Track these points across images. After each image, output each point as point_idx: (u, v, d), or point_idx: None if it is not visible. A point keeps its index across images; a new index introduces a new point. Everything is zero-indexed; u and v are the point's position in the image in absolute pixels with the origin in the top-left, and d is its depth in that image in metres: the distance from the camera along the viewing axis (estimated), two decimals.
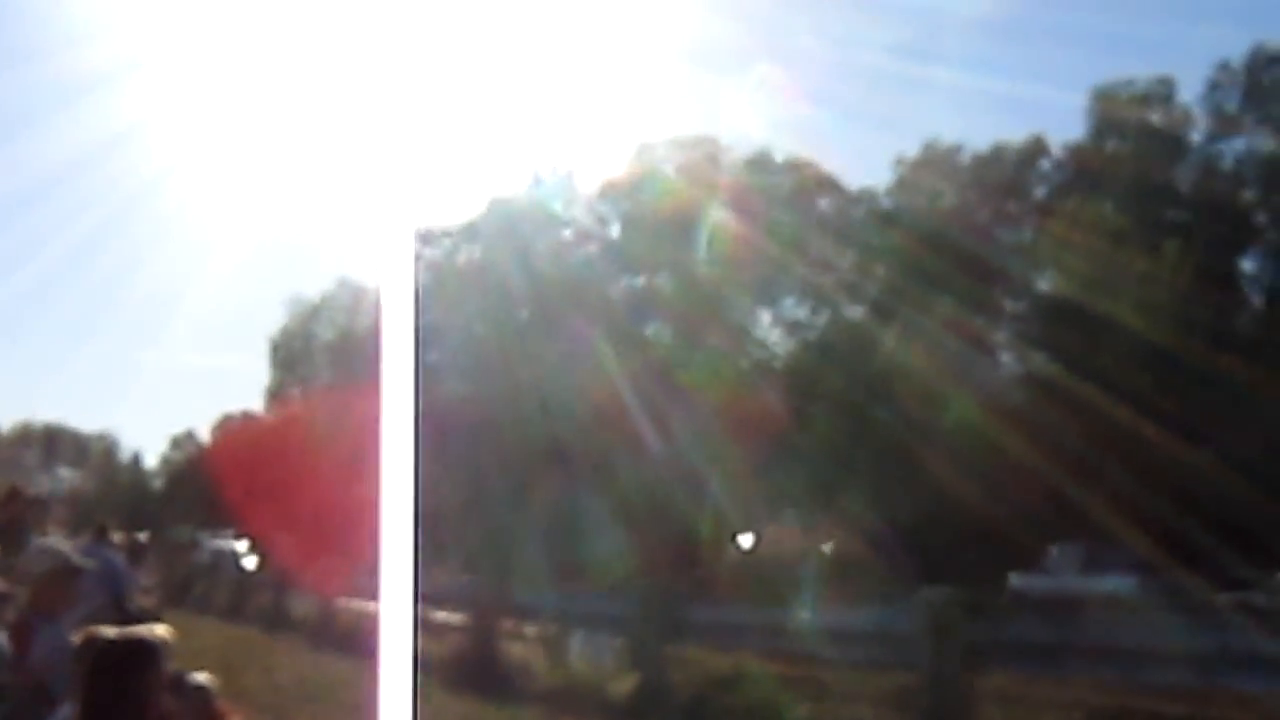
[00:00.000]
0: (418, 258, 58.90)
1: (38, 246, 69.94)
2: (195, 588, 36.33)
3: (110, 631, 3.73)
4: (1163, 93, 45.18)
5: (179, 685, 5.32)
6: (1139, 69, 45.29)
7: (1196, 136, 45.01)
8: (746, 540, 41.98)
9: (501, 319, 52.81)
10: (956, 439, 38.39)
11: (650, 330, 50.90)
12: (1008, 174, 48.14)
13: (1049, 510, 33.82)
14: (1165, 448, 35.08)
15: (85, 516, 30.95)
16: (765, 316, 52.34)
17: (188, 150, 71.34)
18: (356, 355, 57.73)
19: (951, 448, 38.15)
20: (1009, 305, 46.78)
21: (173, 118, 67.75)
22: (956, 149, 49.45)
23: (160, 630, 5.51)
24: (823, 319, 50.42)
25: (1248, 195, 44.10)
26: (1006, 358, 46.68)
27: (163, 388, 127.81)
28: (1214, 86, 44.46)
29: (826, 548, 38.82)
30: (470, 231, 58.68)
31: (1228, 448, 35.25)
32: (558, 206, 56.32)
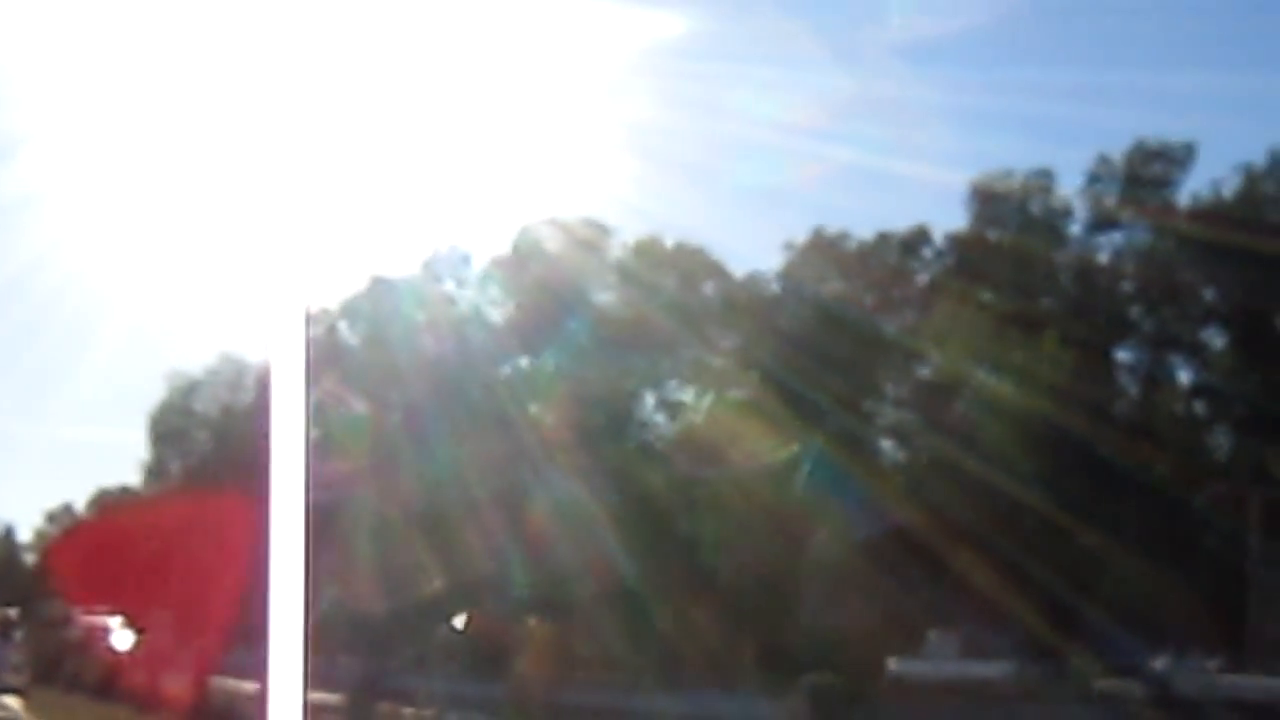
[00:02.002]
0: (306, 332, 58.28)
1: None
2: (66, 665, 35.62)
3: None
4: (1043, 184, 45.81)
5: None
6: (1023, 149, 45.86)
7: (1075, 228, 45.68)
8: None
9: (386, 397, 52.48)
10: (834, 526, 38.57)
11: (534, 411, 50.77)
12: (892, 261, 48.56)
13: (926, 597, 34.02)
14: (1044, 531, 35.48)
15: None
16: (650, 399, 52.38)
17: (69, 225, 70.54)
18: (237, 431, 57.14)
19: (827, 534, 38.33)
20: (892, 389, 47.17)
21: (54, 193, 67.02)
22: (843, 236, 49.87)
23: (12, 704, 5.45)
24: (706, 402, 50.54)
25: (1125, 287, 44.80)
26: (887, 444, 47.02)
27: (37, 461, 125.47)
28: (1094, 179, 45.20)
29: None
30: (352, 309, 58.33)
31: (1108, 529, 35.70)
32: (450, 285, 56.14)
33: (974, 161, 46.92)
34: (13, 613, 23.92)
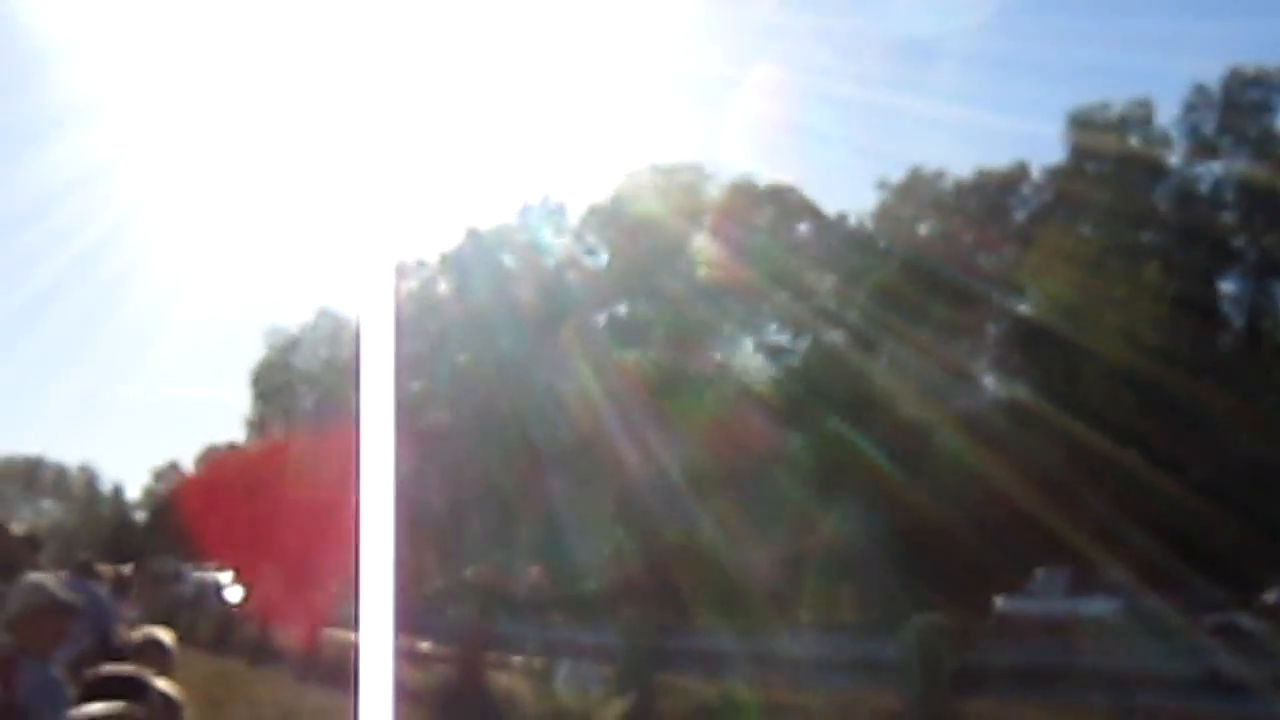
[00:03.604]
0: (397, 289, 58.95)
1: (15, 280, 69.86)
2: (179, 620, 36.11)
3: None
4: (1140, 116, 45.27)
5: (141, 689, 5.23)
6: (1116, 94, 45.44)
7: (1174, 160, 45.11)
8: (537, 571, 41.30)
9: (483, 348, 52.75)
10: (939, 464, 38.40)
11: (633, 358, 50.87)
12: (989, 199, 48.24)
13: (1034, 534, 33.77)
14: (1146, 471, 35.13)
15: (68, 550, 30.77)
16: (748, 343, 52.37)
17: (167, 182, 71.30)
18: (337, 386, 57.71)
19: (934, 473, 38.16)
20: (990, 330, 46.88)
21: (152, 150, 67.63)
22: (939, 175, 49.61)
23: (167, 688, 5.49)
24: (804, 345, 50.44)
25: (1226, 218, 44.21)
26: (988, 382, 46.75)
27: (143, 420, 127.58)
28: (1190, 109, 44.61)
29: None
30: (449, 262, 58.68)
31: (1209, 471, 35.32)
32: (546, 235, 56.35)
33: (1068, 102, 46.47)
34: (126, 569, 24.20)
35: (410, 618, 24.97)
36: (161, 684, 5.48)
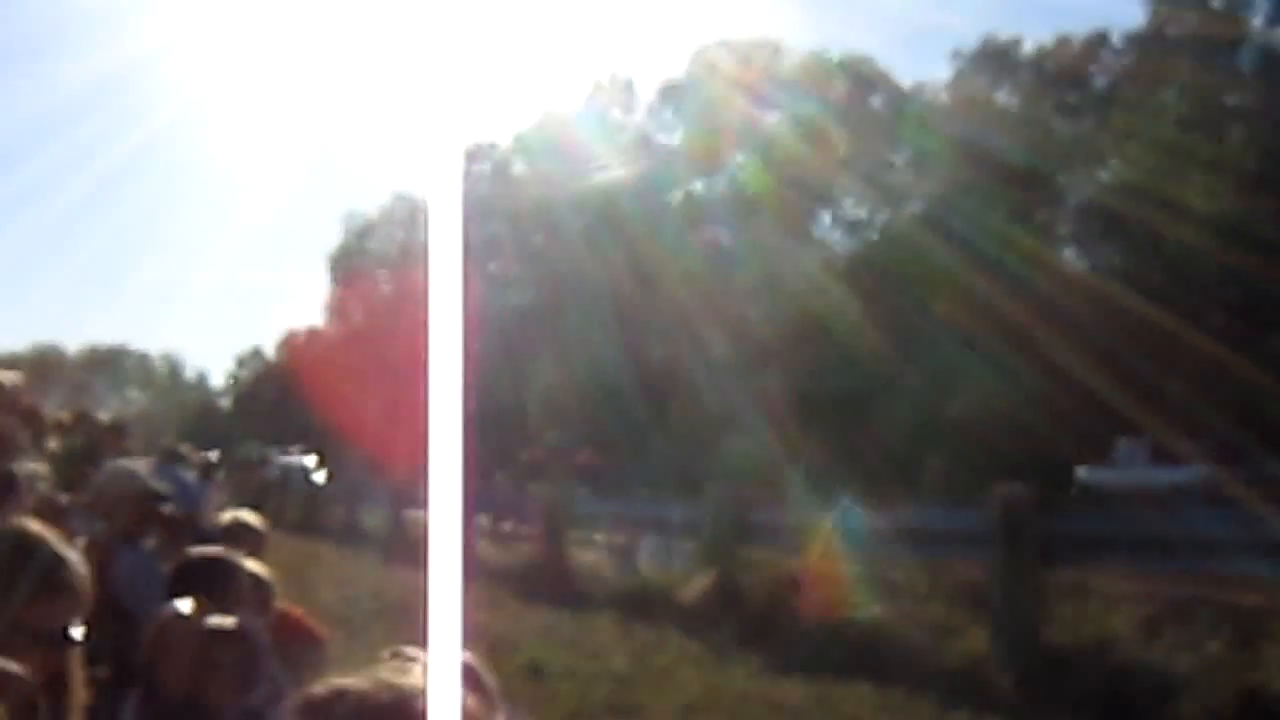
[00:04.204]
0: (469, 172, 59.04)
1: (88, 165, 70.22)
2: (266, 504, 36.57)
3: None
4: None
5: (230, 571, 5.29)
6: None
7: (1257, 23, 44.29)
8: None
9: (558, 229, 52.77)
10: (1021, 334, 38.18)
11: (710, 233, 50.78)
12: (1068, 68, 47.62)
13: (1114, 407, 33.61)
14: (1232, 334, 34.83)
15: (154, 437, 31.16)
16: (825, 218, 52.15)
17: (242, 67, 71.38)
18: (415, 268, 57.94)
19: (1016, 343, 37.96)
20: (1072, 197, 46.41)
21: (227, 33, 67.79)
22: (1015, 42, 49.02)
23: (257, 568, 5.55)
24: (881, 219, 50.20)
25: None
26: (1070, 252, 46.35)
27: (224, 307, 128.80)
28: None
29: None
30: (522, 143, 58.71)
31: None
32: (617, 114, 56.18)
33: None
34: (213, 455, 24.55)
35: (492, 497, 25.19)
36: (251, 565, 5.54)
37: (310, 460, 45.90)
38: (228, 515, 7.81)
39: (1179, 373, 34.48)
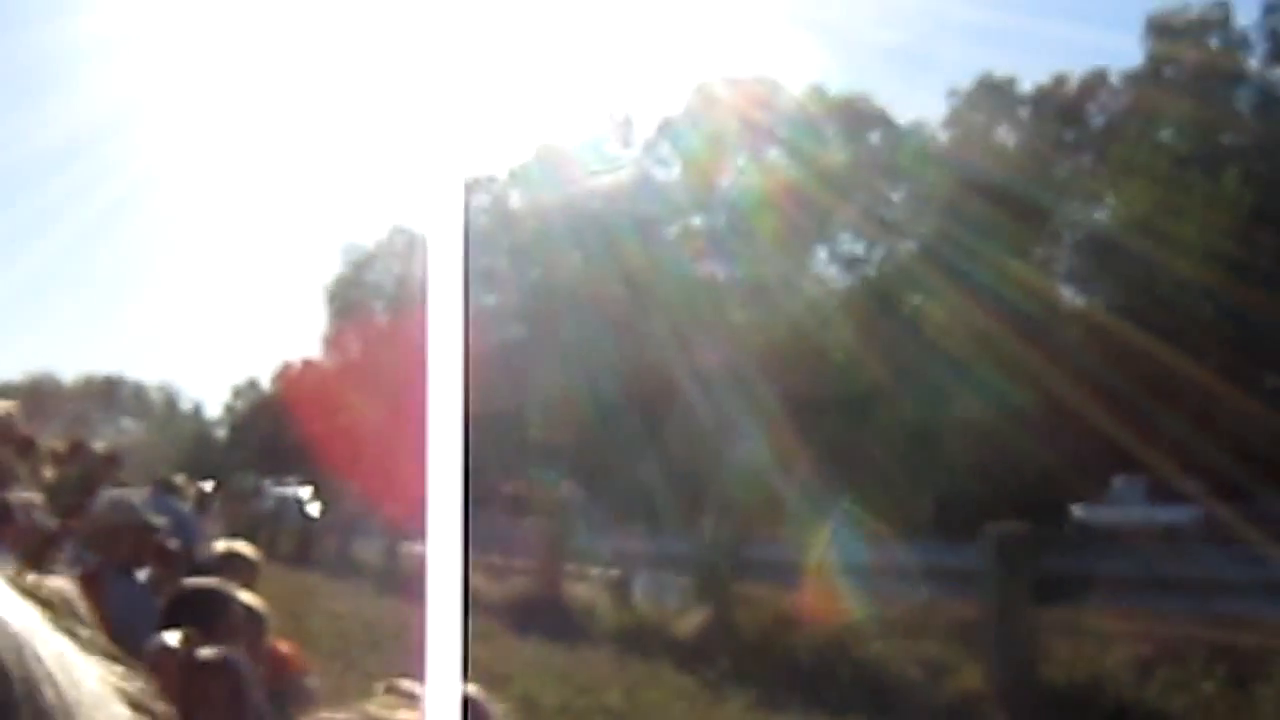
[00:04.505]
0: (468, 203, 59.16)
1: (88, 198, 70.34)
2: (260, 535, 36.52)
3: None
4: (1219, 19, 44.69)
5: (224, 602, 5.27)
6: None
7: (1254, 62, 44.50)
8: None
9: (555, 262, 52.85)
10: (1015, 375, 38.21)
11: (708, 268, 50.87)
12: (1065, 107, 47.81)
13: (1111, 444, 33.63)
14: (1221, 383, 34.85)
15: (149, 467, 31.14)
16: (822, 253, 52.23)
17: (242, 102, 71.57)
18: (410, 301, 57.98)
19: (1010, 382, 37.99)
20: (1069, 234, 46.50)
21: (223, 68, 67.92)
22: (1010, 81, 49.21)
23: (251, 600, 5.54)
24: (878, 255, 50.30)
25: None
26: (1067, 287, 46.41)
27: (220, 338, 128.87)
28: (1270, 11, 43.93)
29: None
30: (519, 176, 58.86)
31: None
32: (614, 148, 56.34)
33: (1145, 8, 45.84)
34: (207, 486, 24.51)
35: (486, 530, 25.17)
36: (245, 597, 5.53)
37: (305, 492, 45.84)
38: (221, 546, 7.81)
39: (1176, 409, 34.49)
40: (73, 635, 0.71)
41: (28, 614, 0.68)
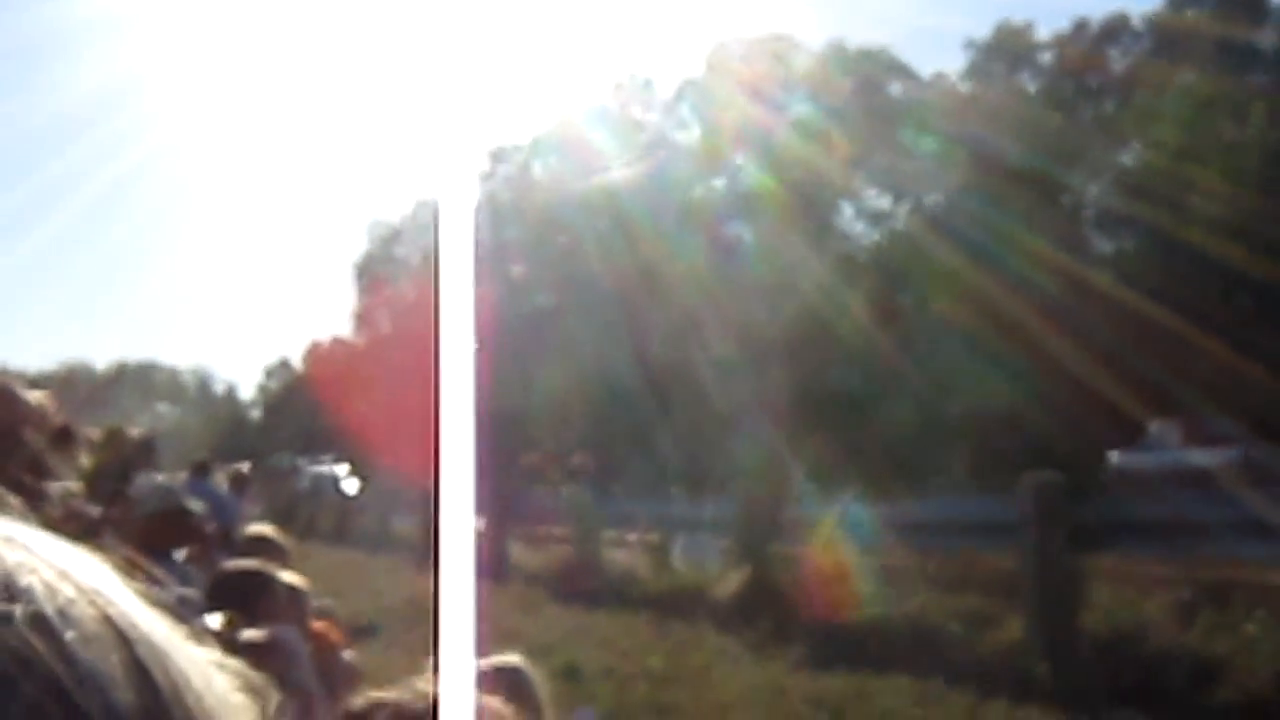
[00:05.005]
0: (491, 174, 59.17)
1: (111, 177, 70.52)
2: (298, 514, 36.70)
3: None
4: None
5: (266, 582, 5.30)
6: None
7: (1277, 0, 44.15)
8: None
9: (581, 229, 52.78)
10: (1046, 322, 38.08)
11: (728, 230, 50.76)
12: (1087, 50, 47.51)
13: (1145, 388, 33.49)
14: (1252, 322, 34.69)
15: (186, 451, 31.27)
16: (848, 209, 52.08)
17: (267, 80, 71.58)
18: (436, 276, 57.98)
19: (1040, 330, 37.86)
20: (1095, 180, 46.27)
21: (246, 43, 67.96)
22: (1028, 27, 48.94)
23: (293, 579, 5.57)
24: (904, 209, 50.11)
25: None
26: (1096, 234, 46.21)
27: (249, 318, 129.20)
28: None
29: None
30: (542, 145, 58.77)
31: None
32: (635, 113, 56.22)
33: None
34: (244, 467, 24.61)
35: (523, 501, 25.23)
36: (286, 576, 5.56)
37: (341, 469, 46.02)
38: (248, 530, 7.84)
39: (1208, 352, 34.34)
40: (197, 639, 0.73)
41: (163, 623, 0.71)
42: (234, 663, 0.76)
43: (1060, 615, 11.74)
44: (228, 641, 4.39)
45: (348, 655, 6.51)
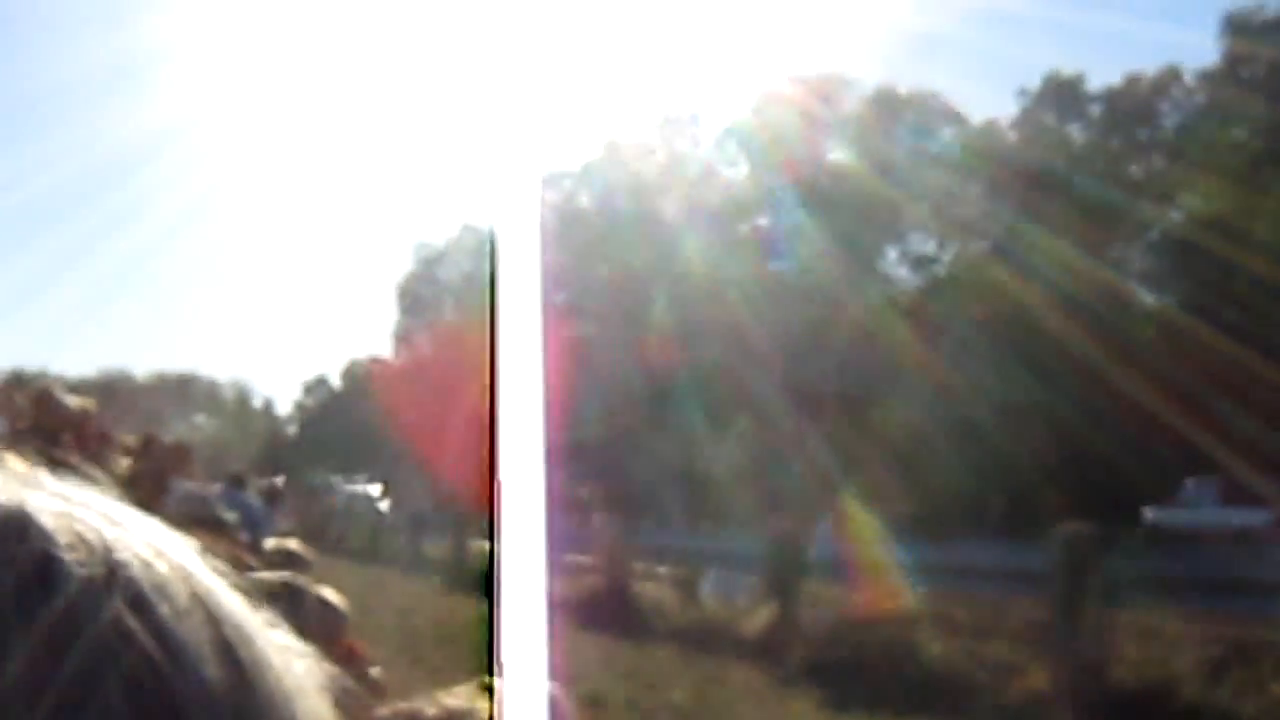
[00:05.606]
0: (540, 200, 59.25)
1: (164, 197, 71.01)
2: (331, 531, 36.82)
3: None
4: None
5: (297, 597, 5.30)
6: None
7: None
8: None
9: (625, 260, 52.86)
10: (1086, 374, 37.98)
11: (777, 268, 50.76)
12: (1138, 105, 47.40)
13: (1184, 445, 33.36)
14: None
15: (221, 463, 31.41)
16: (892, 252, 52.04)
17: (316, 100, 72.01)
18: (480, 299, 58.13)
19: (1081, 383, 37.76)
20: (1142, 234, 46.13)
21: (298, 66, 68.39)
22: (1078, 79, 48.82)
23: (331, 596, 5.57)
24: (949, 255, 50.05)
25: None
26: (1136, 289, 46.05)
27: (291, 334, 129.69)
28: None
29: None
30: (590, 173, 58.92)
31: None
32: (683, 146, 56.35)
33: (1221, 6, 45.37)
34: (278, 482, 24.69)
35: (555, 528, 25.22)
36: (322, 590, 5.56)
37: (375, 489, 46.14)
38: (272, 543, 7.87)
39: (1250, 410, 34.19)
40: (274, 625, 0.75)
41: (242, 603, 0.73)
42: (306, 649, 0.78)
43: (1087, 667, 11.70)
44: None
45: (375, 672, 6.53)
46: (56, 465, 0.77)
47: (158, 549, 0.70)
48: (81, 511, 0.69)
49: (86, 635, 0.62)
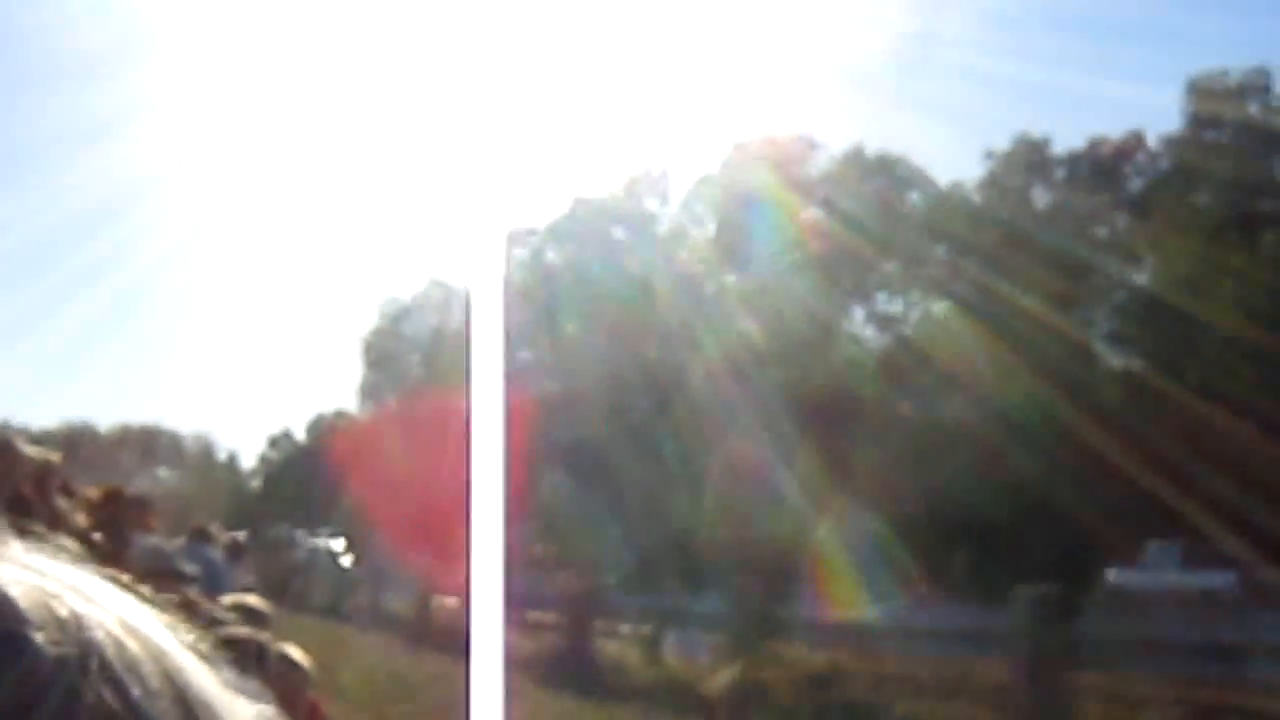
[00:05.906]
0: (507, 258, 59.35)
1: (127, 252, 70.88)
2: (293, 585, 36.59)
3: None
4: (1259, 84, 44.56)
5: (260, 655, 5.25)
6: (1234, 62, 44.70)
7: None
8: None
9: (592, 318, 52.92)
10: (1052, 435, 38.10)
11: (741, 327, 50.84)
12: (1103, 168, 47.72)
13: (1147, 506, 33.45)
14: (1261, 445, 34.64)
15: (184, 516, 31.23)
16: (859, 312, 52.20)
17: (278, 152, 72.02)
18: (445, 354, 58.08)
19: (1045, 444, 37.87)
20: (1104, 300, 46.37)
21: (261, 117, 68.36)
22: (1045, 141, 49.13)
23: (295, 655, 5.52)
24: (915, 315, 50.23)
25: None
26: (1101, 350, 46.25)
27: (256, 389, 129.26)
28: None
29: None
30: (557, 231, 58.98)
31: None
32: (652, 204, 56.50)
33: (1184, 70, 45.84)
34: (240, 536, 24.57)
35: (518, 586, 25.15)
36: (283, 647, 5.51)
37: (338, 543, 45.89)
38: (229, 599, 7.82)
39: (1215, 471, 34.31)
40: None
41: (211, 681, 0.74)
42: (270, 710, 0.79)
43: None
44: None
45: None
46: (24, 533, 0.77)
47: (129, 626, 0.70)
48: (54, 586, 0.69)
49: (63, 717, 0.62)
